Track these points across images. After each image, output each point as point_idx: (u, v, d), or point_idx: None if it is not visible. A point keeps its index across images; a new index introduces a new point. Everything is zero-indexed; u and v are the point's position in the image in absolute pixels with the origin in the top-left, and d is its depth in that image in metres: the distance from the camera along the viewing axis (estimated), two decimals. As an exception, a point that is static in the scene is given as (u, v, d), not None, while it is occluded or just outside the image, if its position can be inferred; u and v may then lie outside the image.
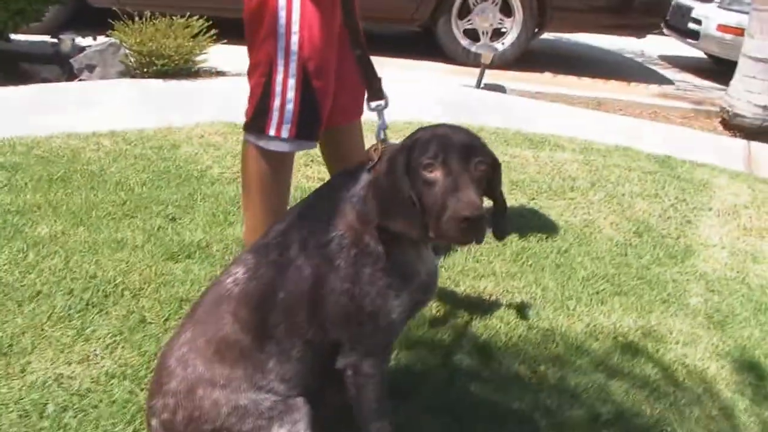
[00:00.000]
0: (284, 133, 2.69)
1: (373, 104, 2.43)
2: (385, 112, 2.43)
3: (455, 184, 1.96)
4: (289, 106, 2.67)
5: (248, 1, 2.69)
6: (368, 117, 2.70)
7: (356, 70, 2.66)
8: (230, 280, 2.23)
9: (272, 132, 2.70)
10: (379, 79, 2.48)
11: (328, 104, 2.76)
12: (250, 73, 2.77)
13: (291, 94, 2.66)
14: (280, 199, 2.88)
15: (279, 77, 2.66)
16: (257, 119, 2.73)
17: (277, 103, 2.67)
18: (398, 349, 2.78)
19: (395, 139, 2.33)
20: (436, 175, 1.99)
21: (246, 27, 2.74)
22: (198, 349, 2.16)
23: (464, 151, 2.02)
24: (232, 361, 2.14)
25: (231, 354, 2.14)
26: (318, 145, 2.97)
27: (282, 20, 2.61)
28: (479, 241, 2.00)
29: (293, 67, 2.64)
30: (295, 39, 2.62)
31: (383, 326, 2.16)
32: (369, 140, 2.55)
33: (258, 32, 2.68)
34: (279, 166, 2.80)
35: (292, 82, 2.65)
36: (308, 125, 2.72)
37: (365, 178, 2.18)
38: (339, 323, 2.16)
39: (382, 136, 2.32)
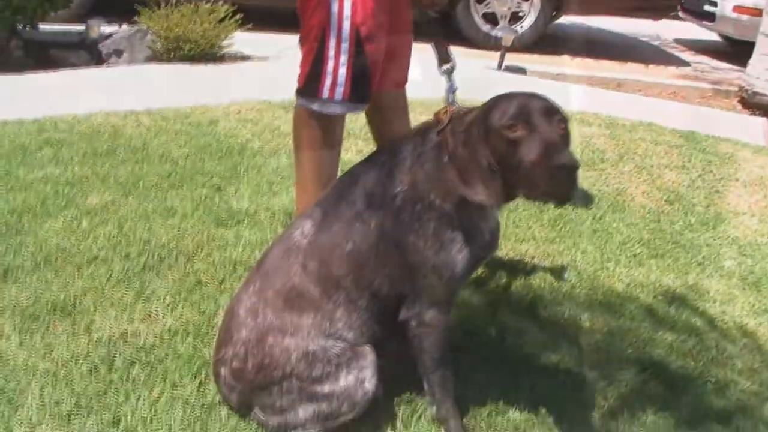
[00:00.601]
0: (337, 96, 2.76)
1: (443, 67, 2.50)
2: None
3: (545, 139, 1.97)
4: (342, 70, 2.73)
5: None
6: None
7: (403, 38, 2.74)
8: (298, 233, 2.30)
9: (325, 95, 2.76)
10: (447, 44, 2.55)
11: (379, 68, 2.82)
12: (303, 40, 2.83)
13: (344, 58, 2.73)
14: (330, 165, 2.93)
15: (332, 42, 2.72)
16: (310, 83, 2.79)
17: (330, 66, 2.74)
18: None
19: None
20: (521, 134, 2.00)
21: None
22: (267, 299, 2.24)
23: (545, 110, 2.04)
24: (301, 310, 2.22)
25: (300, 303, 2.22)
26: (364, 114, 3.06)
27: None
28: (572, 196, 2.00)
29: (346, 31, 2.70)
30: (347, 4, 2.68)
31: (446, 279, 2.22)
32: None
33: (310, 0, 2.75)
34: (330, 130, 2.87)
35: (345, 46, 2.71)
36: (360, 88, 2.78)
37: (434, 139, 2.24)
38: (404, 275, 2.23)
39: (451, 99, 2.38)
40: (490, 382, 2.57)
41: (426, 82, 2.52)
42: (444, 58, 2.52)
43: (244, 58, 6.72)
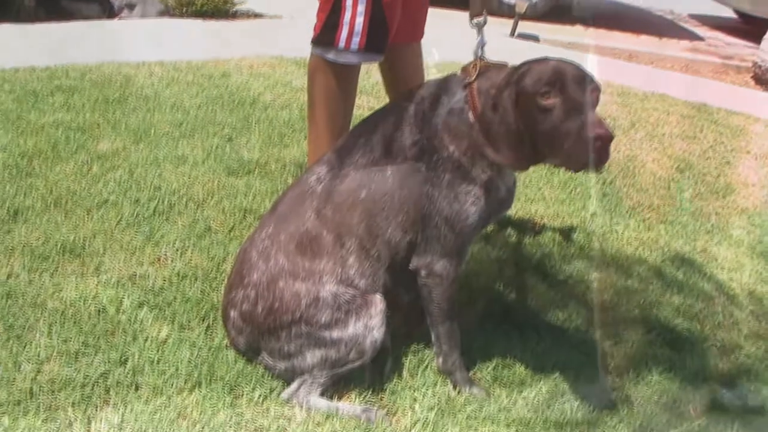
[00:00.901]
0: (353, 46, 2.74)
1: (475, 20, 2.47)
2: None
3: (579, 108, 1.96)
4: (359, 19, 2.72)
5: None
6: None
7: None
8: (313, 178, 2.29)
9: (341, 45, 2.74)
10: None
11: (395, 20, 2.80)
12: (320, -10, 2.82)
13: (361, 8, 2.70)
14: (343, 117, 2.92)
15: (350, -8, 2.71)
16: (326, 33, 2.77)
17: (347, 16, 2.72)
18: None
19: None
20: (555, 101, 1.99)
21: None
22: (280, 243, 2.23)
23: (579, 78, 2.02)
24: (314, 255, 2.21)
25: (312, 248, 2.21)
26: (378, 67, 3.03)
27: None
28: (605, 165, 1.98)
29: None
30: None
31: (458, 230, 2.22)
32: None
33: None
34: (346, 79, 2.85)
35: (362, -4, 2.70)
36: (377, 38, 2.76)
37: (461, 93, 2.22)
38: (417, 224, 2.23)
39: (480, 53, 2.36)
40: (497, 336, 2.58)
41: (438, 47, 2.50)
42: (477, 11, 2.48)
43: (257, 15, 6.70)
